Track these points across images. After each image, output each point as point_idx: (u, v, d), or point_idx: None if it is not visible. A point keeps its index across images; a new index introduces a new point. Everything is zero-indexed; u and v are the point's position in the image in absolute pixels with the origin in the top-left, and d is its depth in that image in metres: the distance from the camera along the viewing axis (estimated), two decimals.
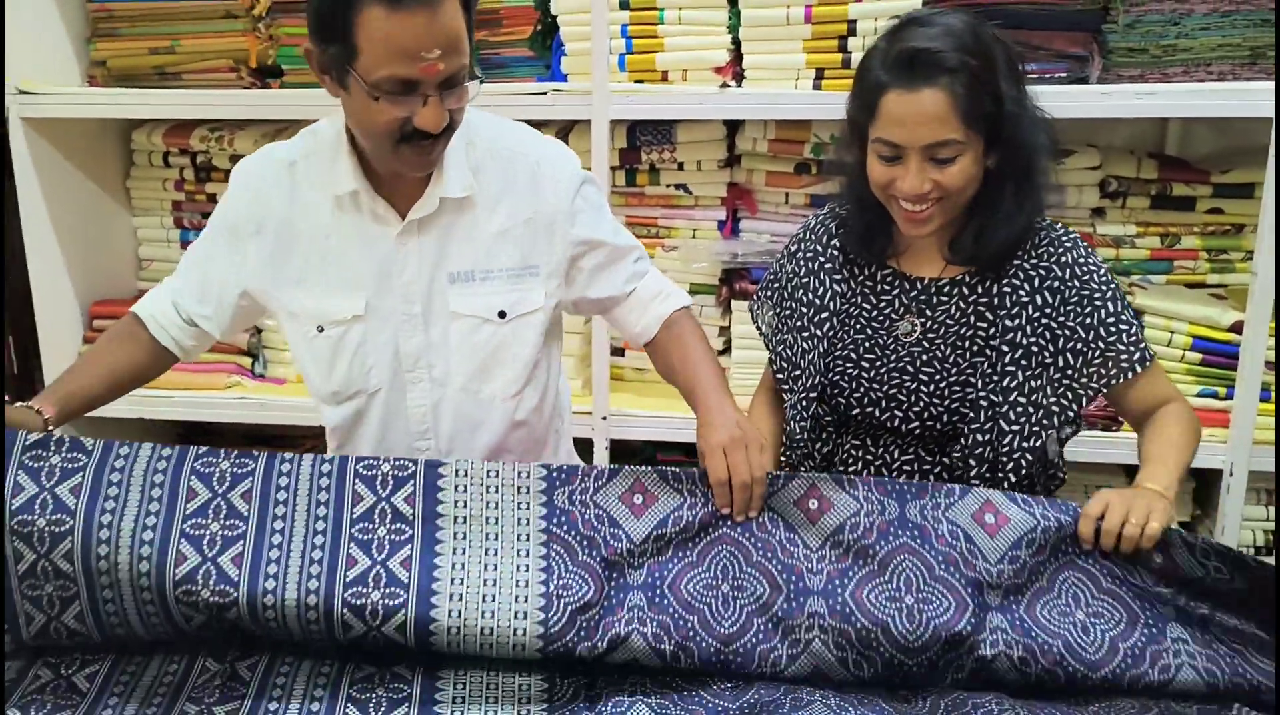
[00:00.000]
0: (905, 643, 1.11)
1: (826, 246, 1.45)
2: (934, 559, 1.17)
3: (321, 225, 1.32)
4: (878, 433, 1.43)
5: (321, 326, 1.34)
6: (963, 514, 1.19)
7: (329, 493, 1.17)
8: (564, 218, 1.36)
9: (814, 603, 1.14)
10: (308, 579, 1.10)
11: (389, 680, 1.13)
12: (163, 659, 1.15)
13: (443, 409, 1.38)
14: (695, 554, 1.18)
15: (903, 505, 1.20)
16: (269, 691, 1.11)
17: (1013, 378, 1.33)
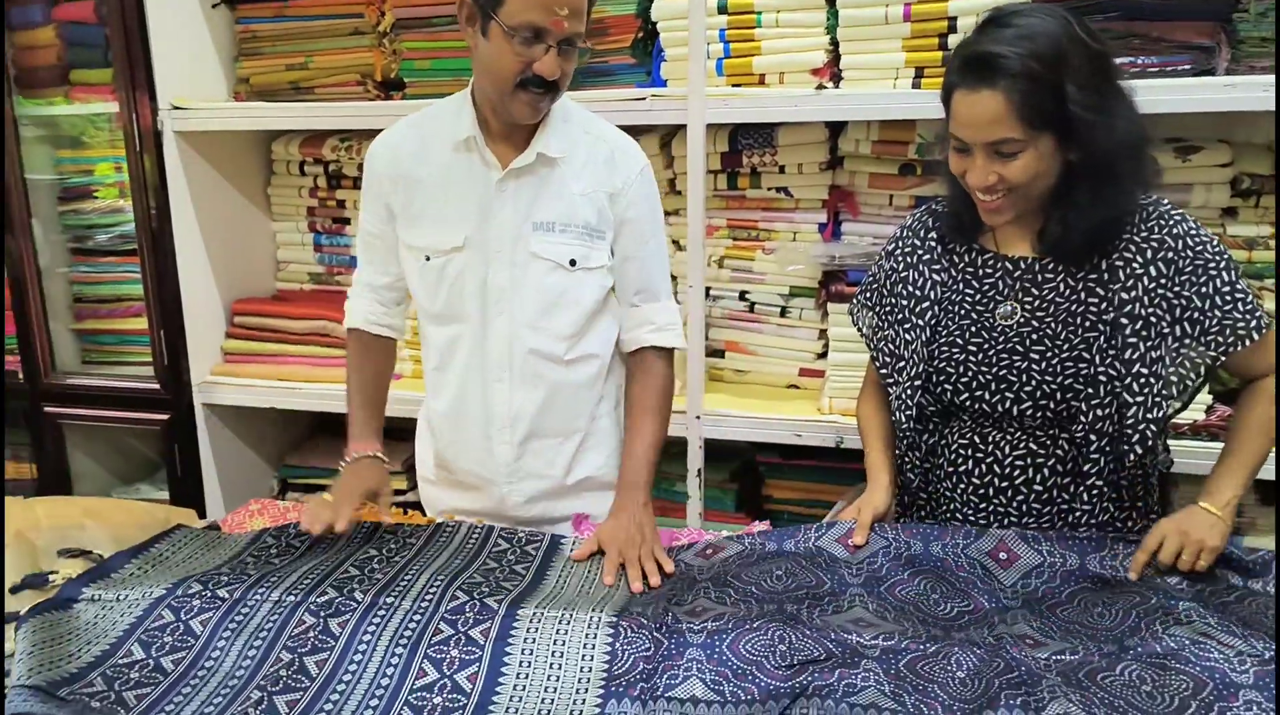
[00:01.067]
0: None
1: (924, 239, 1.48)
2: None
3: (440, 168, 1.56)
4: (986, 420, 1.42)
5: (429, 256, 1.57)
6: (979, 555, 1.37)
7: (415, 627, 1.22)
8: (623, 197, 1.58)
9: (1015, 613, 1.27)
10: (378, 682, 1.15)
11: (464, 643, 1.19)
12: (272, 606, 1.25)
13: (516, 344, 1.58)
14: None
15: (1083, 557, 1.35)
16: (355, 645, 1.19)
17: (1134, 350, 1.34)
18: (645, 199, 1.61)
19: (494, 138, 1.54)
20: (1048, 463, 1.40)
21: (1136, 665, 1.12)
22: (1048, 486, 1.41)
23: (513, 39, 1.39)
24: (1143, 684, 1.10)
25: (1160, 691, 1.08)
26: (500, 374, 1.60)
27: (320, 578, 1.35)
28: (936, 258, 1.47)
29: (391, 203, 1.59)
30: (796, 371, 2.26)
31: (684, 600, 1.30)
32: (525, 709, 1.10)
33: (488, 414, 1.62)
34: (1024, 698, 1.07)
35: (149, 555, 1.45)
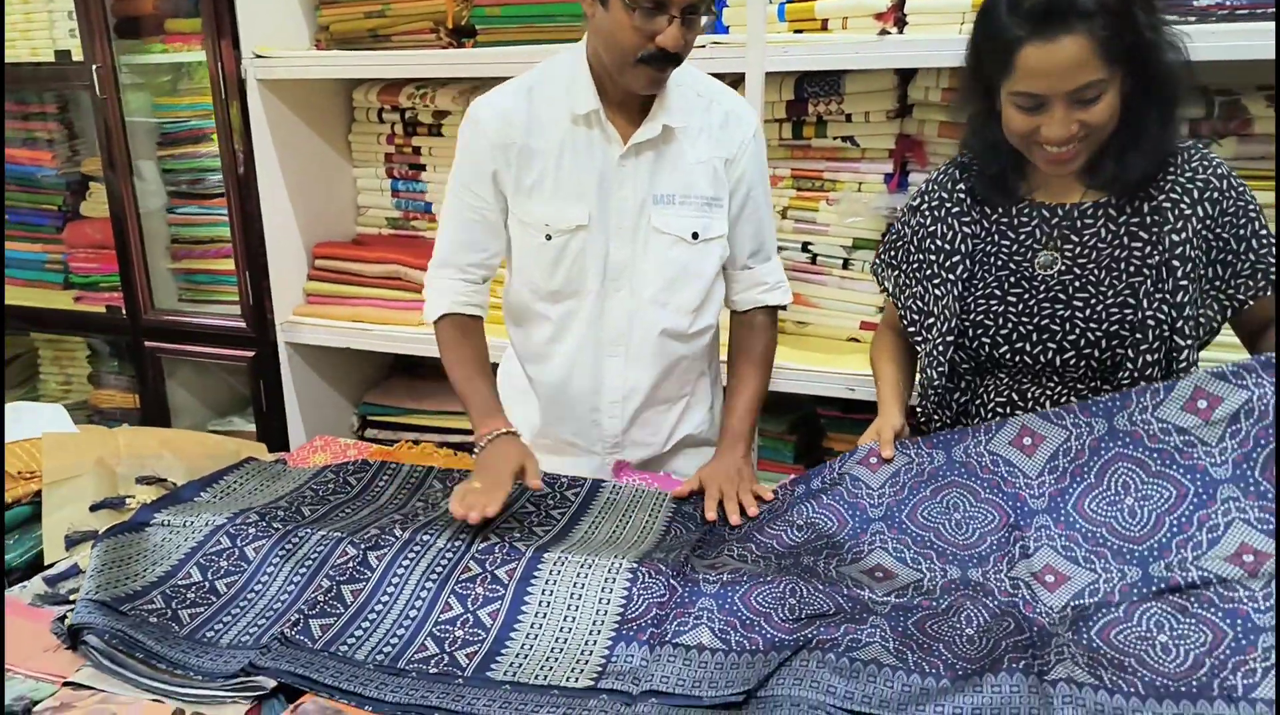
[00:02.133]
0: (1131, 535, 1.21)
1: (953, 192, 1.45)
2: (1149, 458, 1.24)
3: (556, 141, 1.50)
4: (1025, 374, 1.40)
5: (550, 234, 1.53)
6: (1172, 407, 1.24)
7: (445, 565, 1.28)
8: (738, 163, 1.55)
9: (1040, 519, 1.24)
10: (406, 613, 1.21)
11: (489, 581, 1.26)
12: (320, 538, 1.33)
13: (637, 320, 1.57)
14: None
15: (1110, 418, 1.27)
16: (389, 578, 1.26)
17: (1185, 293, 1.31)
18: (758, 161, 1.58)
19: (611, 107, 1.50)
20: None
21: (1156, 608, 1.10)
22: None
23: (633, 12, 1.34)
24: (1159, 632, 1.08)
25: (1176, 644, 1.07)
26: (616, 350, 1.59)
27: (369, 517, 1.44)
28: (967, 210, 1.44)
29: (501, 173, 1.52)
30: (857, 324, 2.24)
31: (707, 554, 1.33)
32: (540, 646, 1.16)
33: (598, 387, 1.62)
34: (1027, 660, 1.07)
35: (219, 486, 1.56)
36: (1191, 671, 1.05)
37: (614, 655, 1.14)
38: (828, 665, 1.08)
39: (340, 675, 1.10)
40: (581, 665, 1.12)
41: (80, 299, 2.82)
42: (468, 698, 1.07)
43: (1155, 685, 1.04)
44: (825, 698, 1.04)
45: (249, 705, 1.05)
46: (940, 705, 1.03)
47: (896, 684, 1.07)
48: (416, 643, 1.17)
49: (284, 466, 1.67)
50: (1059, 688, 1.04)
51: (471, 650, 1.15)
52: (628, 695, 1.07)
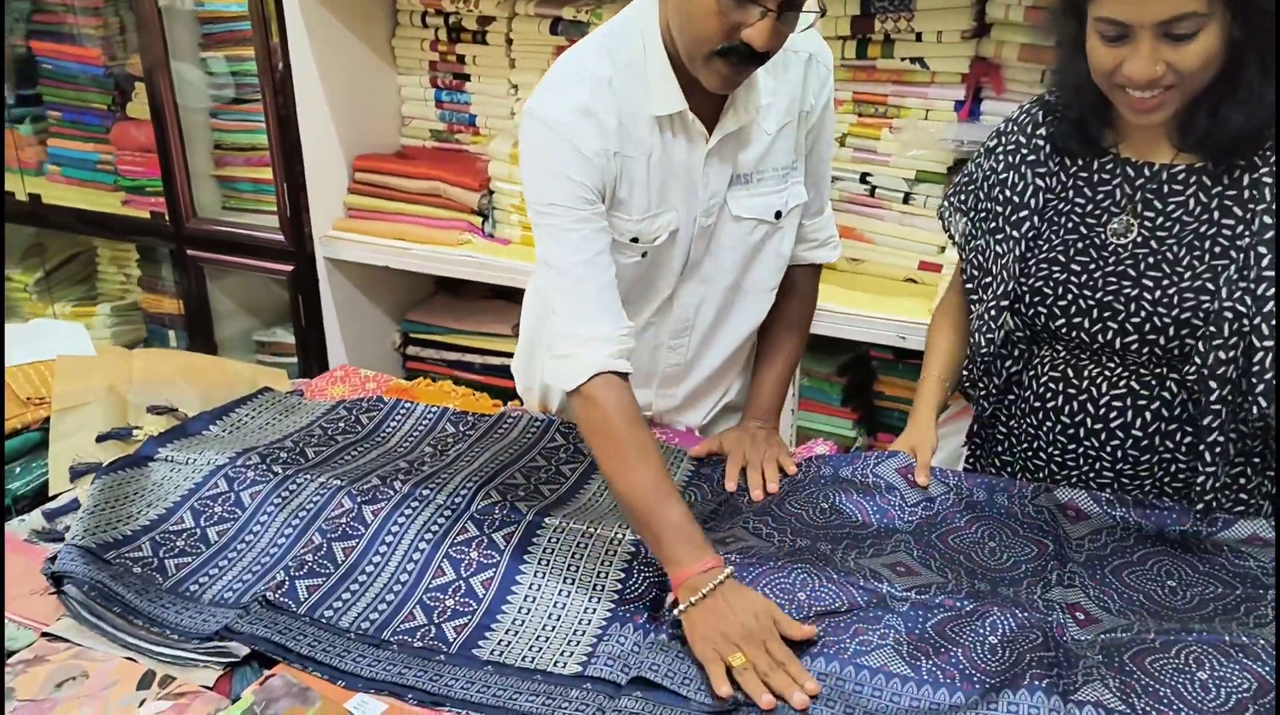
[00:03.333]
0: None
1: (1031, 137, 1.28)
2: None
3: (641, 145, 1.24)
4: (1083, 351, 1.26)
5: (646, 251, 1.30)
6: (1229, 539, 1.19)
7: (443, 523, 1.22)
8: (813, 115, 1.34)
9: (1077, 568, 1.16)
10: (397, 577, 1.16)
11: (485, 546, 1.19)
12: (318, 486, 1.28)
13: (705, 305, 1.40)
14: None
15: (1161, 528, 1.21)
16: (382, 535, 1.21)
17: (1270, 285, 1.13)
18: (829, 110, 1.38)
19: (690, 99, 1.23)
20: (1151, 405, 1.23)
21: (1197, 649, 0.99)
22: (1149, 432, 1.24)
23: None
24: (1199, 669, 0.97)
25: (1217, 685, 0.96)
26: (678, 342, 1.43)
27: (374, 463, 1.38)
28: (1043, 159, 1.27)
29: (605, 184, 1.22)
30: (915, 265, 2.08)
31: (719, 527, 1.25)
32: (530, 623, 1.10)
33: (652, 374, 1.47)
34: (1052, 679, 0.97)
35: (230, 419, 1.52)
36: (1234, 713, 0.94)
37: (607, 635, 1.07)
38: (830, 676, 1.00)
39: (318, 645, 1.05)
40: (572, 647, 1.06)
41: (128, 202, 2.80)
42: (446, 678, 1.01)
43: None
44: (823, 710, 0.95)
45: (221, 671, 1.02)
46: None
47: (904, 698, 0.98)
48: (404, 611, 1.12)
49: (299, 399, 1.63)
50: (1085, 711, 0.94)
51: (460, 623, 1.10)
52: (613, 686, 1.00)
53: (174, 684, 0.99)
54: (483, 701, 0.98)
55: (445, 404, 1.60)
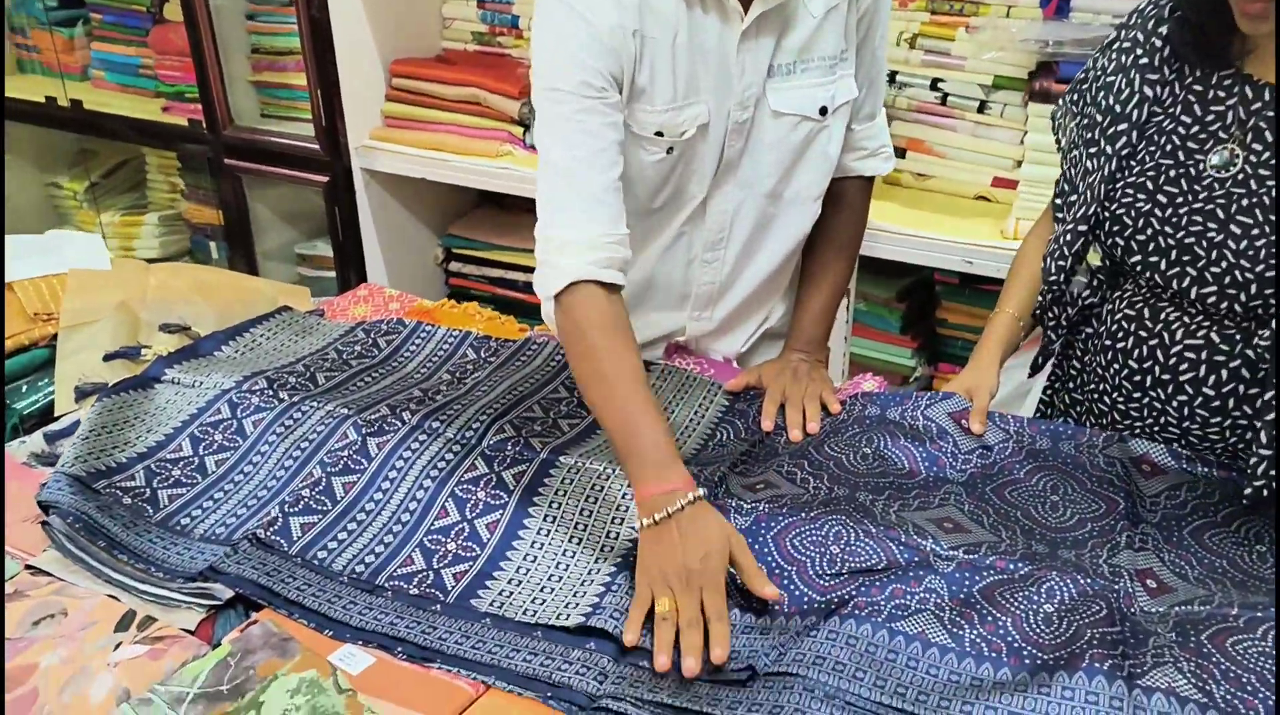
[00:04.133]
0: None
1: (1150, 34, 1.10)
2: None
3: (665, 22, 1.11)
4: (1160, 295, 1.11)
5: (672, 146, 1.17)
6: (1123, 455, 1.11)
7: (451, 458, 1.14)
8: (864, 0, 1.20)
9: (1150, 530, 1.04)
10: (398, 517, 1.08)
11: (494, 485, 1.11)
12: (324, 415, 1.21)
13: (742, 213, 1.27)
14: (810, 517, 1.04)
15: (1057, 441, 1.13)
16: (385, 471, 1.13)
17: None
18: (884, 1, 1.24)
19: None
20: (1230, 363, 1.07)
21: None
22: (1223, 392, 1.08)
23: None
24: None
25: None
26: (713, 255, 1.30)
27: (387, 390, 1.30)
28: (1157, 64, 1.09)
29: (623, 68, 1.10)
30: (989, 181, 1.91)
31: (751, 470, 1.14)
32: (536, 572, 1.01)
33: (686, 294, 1.35)
34: (1116, 660, 0.86)
35: (243, 339, 1.45)
36: None
37: (615, 585, 0.98)
38: (861, 640, 0.90)
39: (308, 589, 0.98)
40: (577, 599, 0.97)
41: (168, 109, 2.73)
42: (440, 630, 0.94)
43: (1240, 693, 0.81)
44: (849, 684, 0.85)
45: (204, 615, 0.95)
46: (993, 707, 0.83)
47: (943, 670, 0.87)
48: (403, 554, 1.04)
49: (319, 319, 1.55)
50: (1155, 700, 0.83)
51: (461, 569, 1.02)
52: (616, 647, 0.91)
53: (153, 626, 0.93)
54: (476, 659, 0.90)
55: (469, 328, 1.50)
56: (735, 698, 0.85)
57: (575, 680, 0.88)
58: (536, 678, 0.88)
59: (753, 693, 0.86)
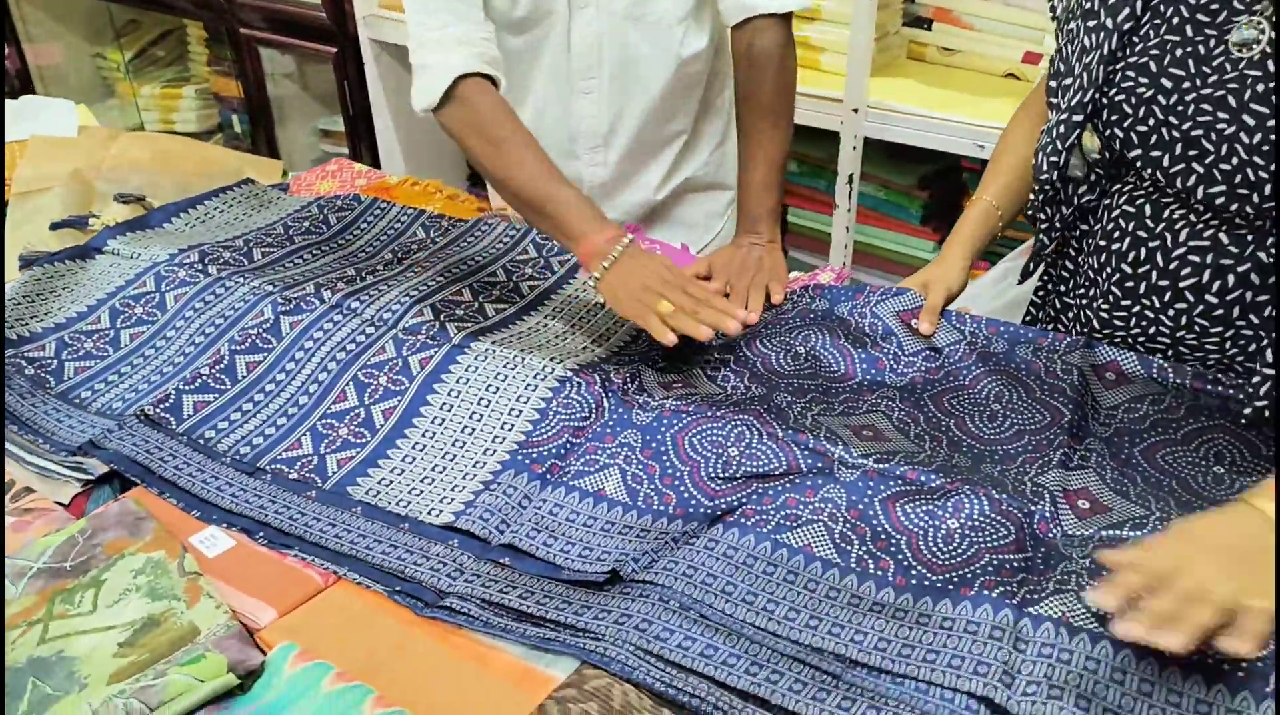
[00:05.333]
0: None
1: None
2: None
3: None
4: (1164, 191, 0.97)
5: None
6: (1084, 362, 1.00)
7: (362, 341, 1.09)
8: None
9: (1097, 444, 0.93)
10: (295, 399, 1.04)
11: (398, 370, 1.06)
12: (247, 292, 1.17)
13: (608, 40, 1.25)
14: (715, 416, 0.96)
15: (1014, 345, 1.03)
16: (292, 352, 1.09)
17: None
18: None
19: None
20: (1238, 267, 0.93)
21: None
22: (1227, 301, 0.95)
23: None
24: None
25: None
26: (588, 85, 1.28)
27: (322, 269, 1.25)
28: None
29: None
30: (1019, 56, 1.72)
31: (675, 366, 1.06)
32: (421, 462, 0.97)
33: (573, 133, 1.32)
34: (1009, 588, 0.77)
35: (196, 211, 1.42)
36: None
37: (496, 482, 0.93)
38: (740, 552, 0.83)
39: (183, 470, 0.96)
40: (454, 494, 0.92)
41: None
42: (308, 517, 0.90)
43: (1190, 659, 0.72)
44: (715, 599, 0.79)
45: (79, 490, 0.94)
46: (862, 632, 0.76)
47: (821, 587, 0.80)
48: (292, 437, 1.00)
49: (280, 193, 1.50)
50: (1042, 629, 0.75)
51: (347, 455, 0.98)
52: (481, 544, 0.87)
53: (27, 498, 0.92)
54: (335, 548, 0.87)
55: (427, 207, 1.44)
56: (586, 601, 0.80)
57: (428, 576, 0.83)
58: (390, 571, 0.85)
59: (605, 598, 0.81)
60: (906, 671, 0.72)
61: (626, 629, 0.76)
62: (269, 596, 0.82)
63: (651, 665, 0.74)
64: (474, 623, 0.79)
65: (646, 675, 0.73)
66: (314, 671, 0.73)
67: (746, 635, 0.76)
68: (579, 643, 0.76)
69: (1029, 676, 0.71)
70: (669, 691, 0.72)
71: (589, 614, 0.79)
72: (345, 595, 0.83)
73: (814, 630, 0.76)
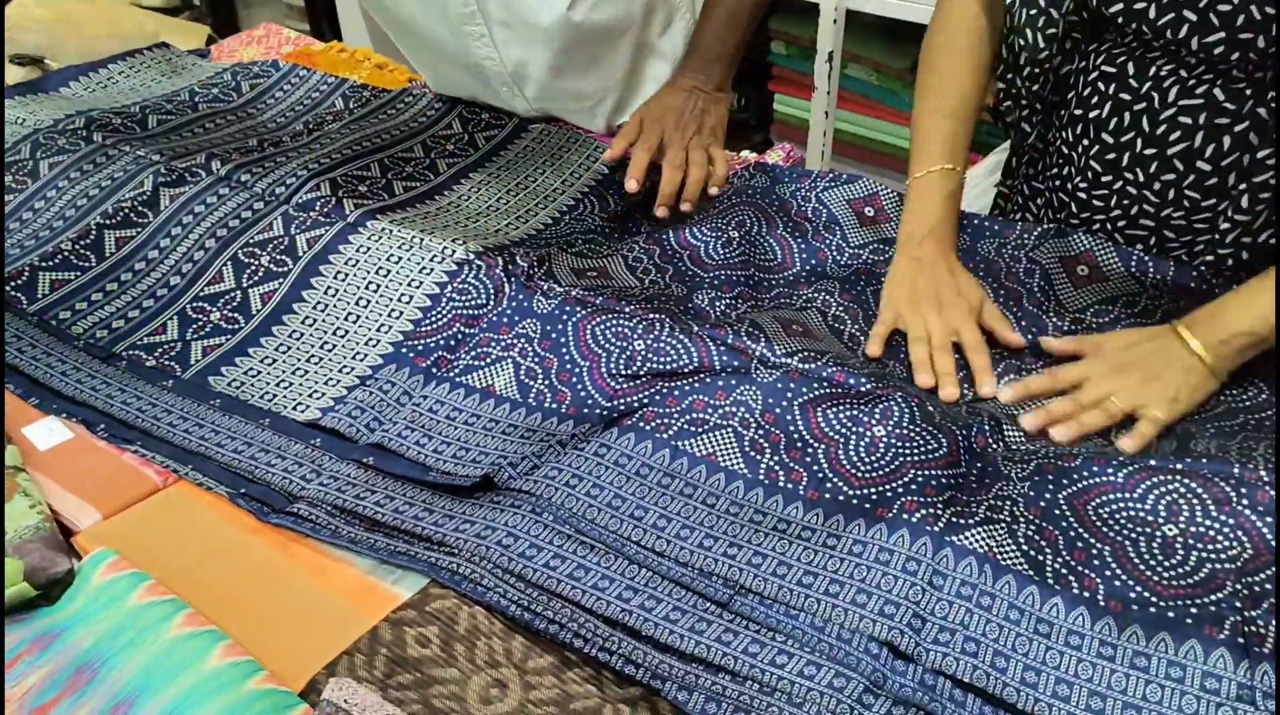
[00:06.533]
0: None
1: None
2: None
3: None
4: (1146, 49, 0.83)
5: None
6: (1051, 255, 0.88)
7: (248, 218, 0.97)
8: None
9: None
10: (166, 281, 0.93)
11: (282, 249, 0.94)
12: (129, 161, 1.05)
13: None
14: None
15: (976, 240, 0.91)
16: (169, 227, 0.98)
17: None
18: None
19: None
20: (1235, 126, 0.80)
21: (1182, 487, 0.63)
22: (1223, 165, 0.82)
23: None
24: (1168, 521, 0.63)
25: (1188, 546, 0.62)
26: (473, 29, 1.08)
27: (220, 139, 1.13)
28: None
29: None
30: None
31: (597, 251, 0.94)
32: (295, 352, 0.86)
33: (476, 72, 1.14)
34: (933, 510, 0.67)
35: (99, 75, 1.29)
36: (1198, 591, 0.61)
37: (374, 377, 0.82)
38: (634, 461, 0.72)
39: (25, 353, 0.86)
40: (325, 388, 0.82)
41: None
42: (157, 409, 0.80)
43: (1130, 598, 0.62)
44: (599, 513, 0.69)
45: None
46: (760, 554, 0.66)
47: (722, 502, 0.70)
48: (156, 322, 0.90)
49: (197, 59, 1.37)
50: (963, 565, 0.64)
51: (213, 343, 0.87)
52: (347, 446, 0.77)
53: None
54: (182, 445, 0.77)
55: (352, 75, 1.30)
56: (450, 510, 0.70)
57: (279, 478, 0.74)
58: (237, 471, 0.75)
59: (472, 507, 0.71)
60: (803, 605, 0.62)
61: (489, 543, 0.66)
62: (95, 497, 0.72)
63: (509, 586, 0.64)
64: (320, 531, 0.69)
65: (502, 597, 0.63)
66: (123, 582, 0.64)
67: (627, 554, 0.66)
68: (431, 557, 0.67)
69: (942, 621, 0.61)
70: (525, 616, 0.62)
71: (450, 525, 0.69)
72: (183, 498, 0.73)
73: (706, 551, 0.66)
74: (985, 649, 0.59)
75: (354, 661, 0.59)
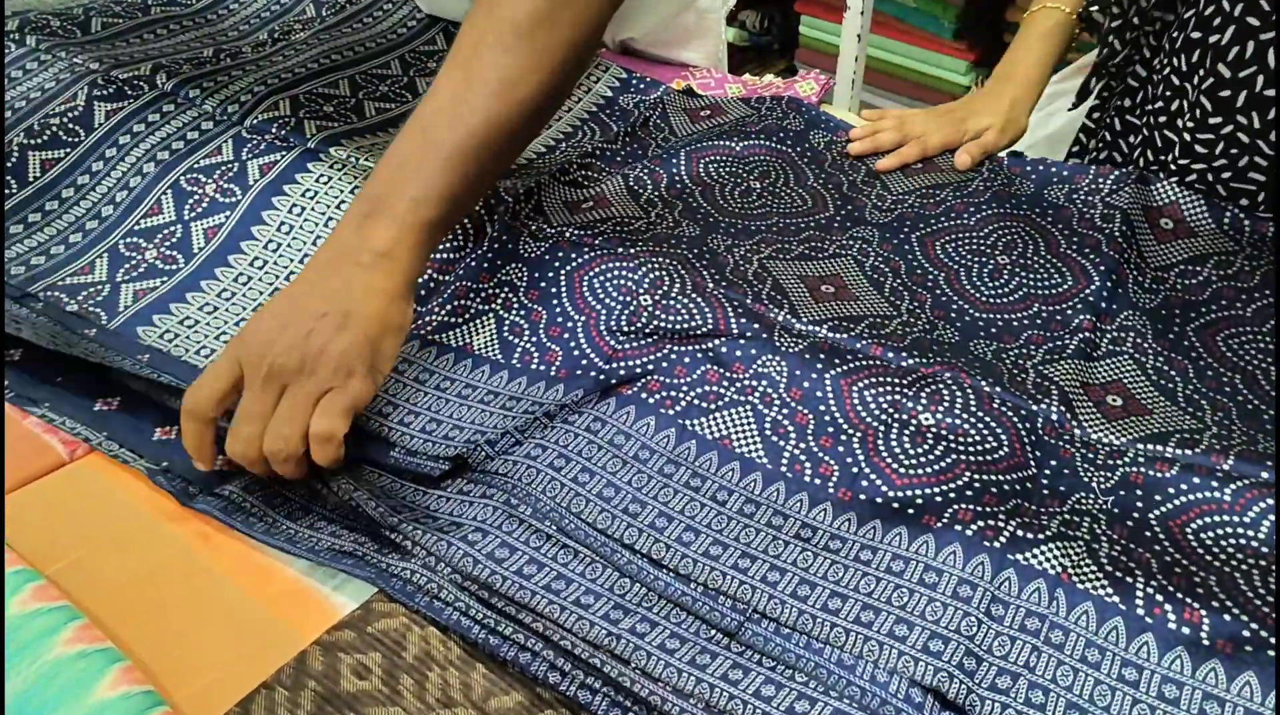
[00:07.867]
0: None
1: None
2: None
3: None
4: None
5: None
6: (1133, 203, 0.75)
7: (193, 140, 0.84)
8: None
9: (1138, 318, 0.70)
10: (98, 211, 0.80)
11: (232, 177, 0.81)
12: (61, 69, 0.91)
13: None
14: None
15: (1042, 186, 0.79)
16: (102, 148, 0.85)
17: None
18: None
19: None
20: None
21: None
22: None
23: None
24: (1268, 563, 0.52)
25: None
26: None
27: (170, 48, 0.99)
28: None
29: None
30: None
31: (594, 178, 0.81)
32: (240, 301, 0.74)
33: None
34: (993, 523, 0.55)
35: None
36: None
37: None
38: (632, 441, 0.60)
39: None
40: None
41: None
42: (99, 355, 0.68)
43: (1243, 637, 0.50)
44: (586, 508, 0.57)
45: None
46: (778, 569, 0.54)
47: (735, 498, 0.58)
48: (83, 259, 0.77)
49: None
50: (1030, 590, 0.53)
51: (147, 286, 0.75)
52: None
53: None
54: (96, 409, 0.65)
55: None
56: (408, 498, 0.59)
57: None
58: (158, 441, 0.63)
59: (434, 498, 0.59)
60: (829, 637, 0.51)
61: (451, 539, 0.55)
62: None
63: (471, 601, 0.52)
64: (252, 526, 0.58)
65: (463, 616, 0.52)
66: (6, 583, 0.53)
67: (617, 564, 0.54)
68: (379, 561, 0.55)
69: (1002, 662, 0.49)
70: (489, 641, 0.51)
71: (406, 517, 0.57)
72: (93, 473, 0.62)
73: (713, 563, 0.54)
74: (1056, 700, 0.48)
75: (274, 697, 0.47)
